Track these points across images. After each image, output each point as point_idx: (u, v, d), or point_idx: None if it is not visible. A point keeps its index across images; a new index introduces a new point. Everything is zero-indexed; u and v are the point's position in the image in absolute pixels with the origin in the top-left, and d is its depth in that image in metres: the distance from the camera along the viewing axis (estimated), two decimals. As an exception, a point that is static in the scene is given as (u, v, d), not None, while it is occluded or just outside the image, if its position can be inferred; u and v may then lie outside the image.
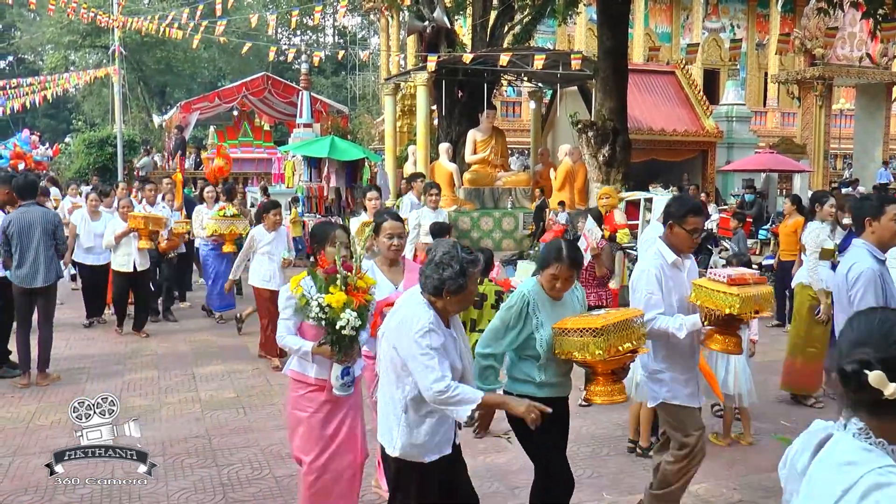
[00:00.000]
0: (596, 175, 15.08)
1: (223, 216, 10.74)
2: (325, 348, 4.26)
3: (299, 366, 4.45)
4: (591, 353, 3.84)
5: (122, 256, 10.14)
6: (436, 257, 3.61)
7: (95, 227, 10.68)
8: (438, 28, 19.79)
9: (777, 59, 31.99)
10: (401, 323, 3.62)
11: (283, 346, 4.45)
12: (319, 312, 4.14)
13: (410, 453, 3.68)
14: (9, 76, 42.69)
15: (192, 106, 28.20)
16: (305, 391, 4.41)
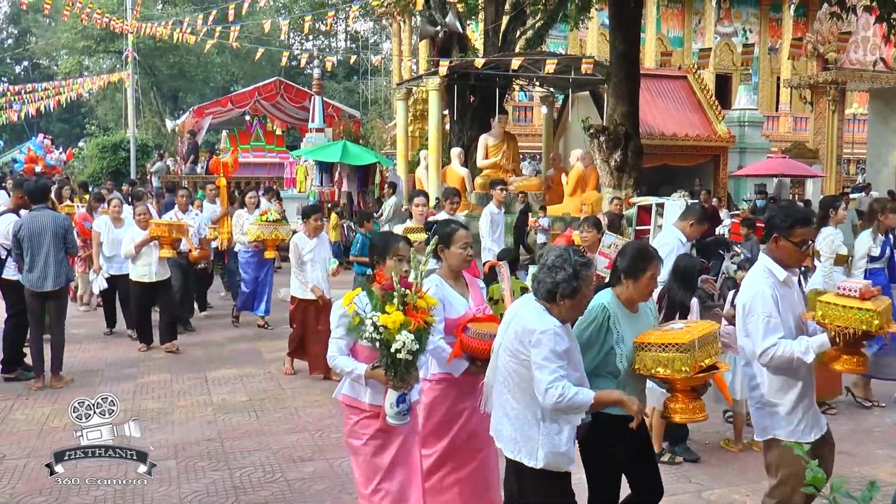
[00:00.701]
0: (608, 180, 15.09)
1: (265, 221, 10.34)
2: (378, 372, 3.91)
3: (351, 390, 4.12)
4: (676, 369, 3.71)
5: (141, 266, 9.57)
6: (548, 261, 3.56)
7: (118, 234, 10.11)
8: (450, 33, 19.83)
9: (789, 63, 31.89)
10: (523, 331, 3.53)
11: (335, 368, 4.13)
12: (374, 333, 3.81)
13: (554, 463, 3.58)
14: (24, 81, 42.98)
15: (205, 111, 28.33)
16: (359, 418, 4.08)
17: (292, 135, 33.35)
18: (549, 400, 3.43)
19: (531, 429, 3.59)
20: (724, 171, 21.84)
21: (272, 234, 10.33)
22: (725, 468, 5.87)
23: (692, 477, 5.71)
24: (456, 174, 18.68)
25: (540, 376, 3.45)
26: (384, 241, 4.40)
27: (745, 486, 5.60)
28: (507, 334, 3.65)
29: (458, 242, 4.52)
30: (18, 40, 59.38)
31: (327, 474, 5.74)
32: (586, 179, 16.96)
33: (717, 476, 5.74)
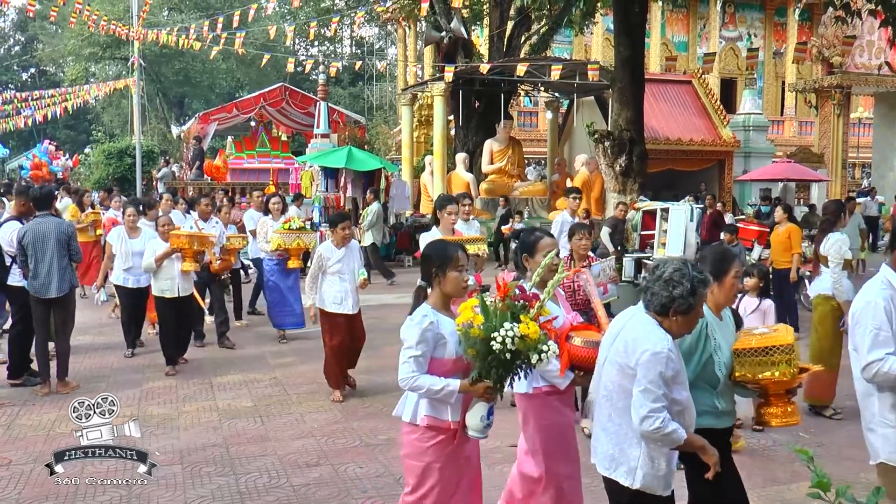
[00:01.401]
0: (613, 185, 15.08)
1: (288, 229, 9.83)
2: (480, 385, 3.69)
3: (433, 409, 3.84)
4: (782, 372, 3.67)
5: (163, 281, 8.94)
6: (665, 274, 3.42)
7: (134, 245, 9.47)
8: (455, 38, 19.89)
9: (794, 67, 31.90)
10: (633, 346, 3.42)
11: (415, 389, 3.79)
12: (510, 344, 3.54)
13: (651, 485, 3.46)
14: (31, 88, 43.23)
15: (211, 117, 28.40)
16: (441, 438, 3.85)
17: (297, 140, 33.42)
18: (645, 427, 3.34)
19: (631, 447, 3.47)
20: (729, 176, 21.83)
21: (295, 242, 9.81)
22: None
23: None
24: (461, 179, 18.71)
25: (642, 400, 3.34)
26: (442, 251, 4.00)
27: (750, 492, 5.57)
28: (613, 347, 3.54)
29: (543, 251, 4.38)
30: (26, 47, 59.65)
31: (333, 480, 5.74)
32: (591, 184, 16.97)
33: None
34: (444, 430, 3.83)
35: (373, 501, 5.37)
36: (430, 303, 3.91)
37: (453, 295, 3.93)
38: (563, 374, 4.15)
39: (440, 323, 3.79)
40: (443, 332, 3.79)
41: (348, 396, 7.95)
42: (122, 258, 9.49)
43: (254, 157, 26.91)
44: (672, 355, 3.36)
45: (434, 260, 3.95)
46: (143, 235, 9.50)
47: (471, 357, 3.66)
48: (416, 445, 3.89)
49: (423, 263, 4.06)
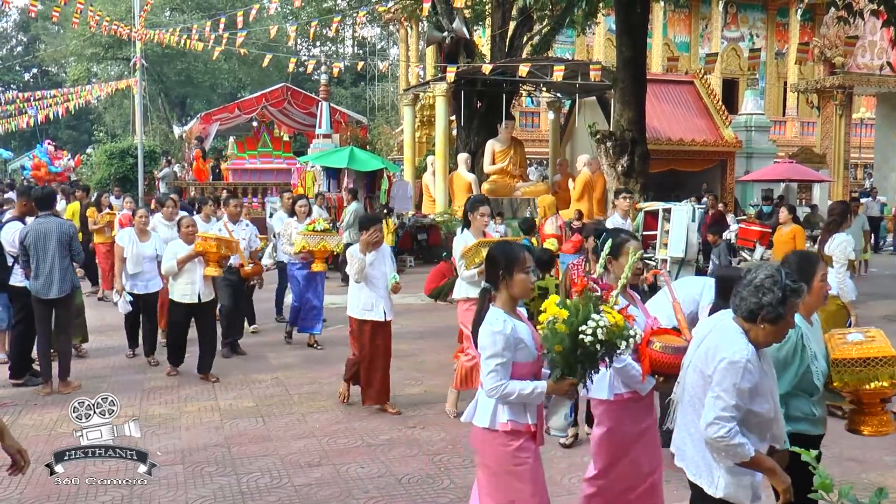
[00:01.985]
0: (614, 185, 15.07)
1: (312, 231, 9.44)
2: (564, 382, 3.66)
3: (513, 413, 3.76)
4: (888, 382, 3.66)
5: (183, 285, 8.46)
6: (756, 279, 3.31)
7: (144, 248, 9.02)
8: (457, 39, 19.89)
9: (796, 68, 31.87)
10: (714, 352, 3.35)
11: (505, 397, 3.70)
12: (599, 335, 3.50)
13: (735, 495, 3.38)
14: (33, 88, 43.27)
15: (212, 117, 28.42)
16: (521, 441, 3.78)
17: (299, 141, 33.44)
18: (710, 434, 3.27)
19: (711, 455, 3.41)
20: (731, 176, 21.81)
21: (319, 245, 9.42)
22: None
23: (700, 483, 5.69)
24: (463, 180, 18.71)
25: (712, 406, 3.29)
26: (509, 252, 3.89)
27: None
28: (697, 352, 3.48)
29: (628, 254, 4.28)
30: (28, 48, 59.74)
31: (334, 480, 5.74)
32: (593, 185, 16.97)
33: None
34: (525, 433, 3.78)
35: (374, 502, 5.37)
36: (498, 306, 3.83)
37: (521, 297, 3.88)
38: (644, 380, 4.12)
39: (516, 327, 3.75)
40: (520, 335, 3.74)
41: (350, 396, 7.94)
42: (131, 263, 9.01)
43: (256, 158, 26.91)
44: (751, 367, 3.26)
45: (500, 262, 3.86)
46: (153, 239, 9.15)
47: (556, 354, 3.61)
48: (500, 451, 3.80)
49: (489, 266, 3.96)
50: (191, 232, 8.53)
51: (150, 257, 9.03)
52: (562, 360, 3.61)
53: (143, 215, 9.27)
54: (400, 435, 6.68)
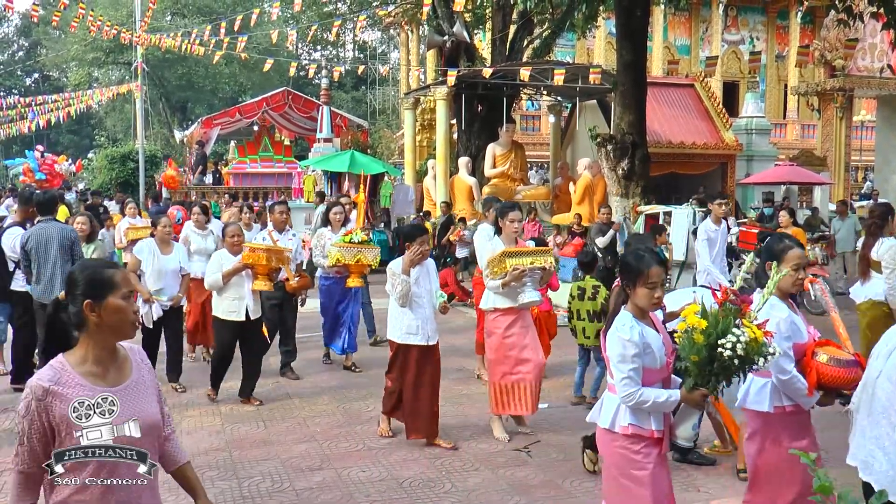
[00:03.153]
0: (615, 189, 15.09)
1: (348, 242, 8.50)
2: (697, 393, 3.60)
3: (635, 418, 3.72)
4: None
5: (229, 301, 7.69)
6: None
7: (167, 262, 8.22)
8: (458, 42, 19.90)
9: (797, 71, 31.86)
10: None
11: (639, 405, 3.65)
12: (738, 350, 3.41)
13: None
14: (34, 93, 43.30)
15: (213, 121, 28.46)
16: (641, 446, 3.73)
17: (300, 145, 33.48)
18: None
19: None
20: (731, 179, 21.80)
21: (355, 258, 8.47)
22: (734, 477, 5.84)
23: (701, 486, 5.70)
24: (464, 183, 18.73)
25: None
26: (635, 263, 3.76)
27: (754, 495, 5.57)
28: (890, 361, 3.35)
29: (791, 262, 4.07)
30: (29, 52, 59.87)
31: (335, 484, 5.74)
32: (594, 188, 16.97)
33: (726, 485, 5.72)
34: (647, 438, 3.73)
35: (376, 505, 5.37)
36: (629, 310, 3.77)
37: (644, 309, 3.77)
38: (811, 394, 3.99)
39: (644, 332, 3.69)
40: (648, 340, 3.69)
41: (351, 400, 7.96)
42: (153, 278, 8.13)
43: (257, 162, 26.94)
44: None
45: (627, 271, 3.79)
46: (176, 251, 8.39)
47: (690, 364, 3.54)
48: (619, 454, 3.79)
49: (620, 271, 3.89)
50: (236, 242, 7.78)
51: (173, 271, 8.24)
52: (696, 370, 3.55)
53: (166, 224, 8.41)
54: (401, 439, 6.67)
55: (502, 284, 6.43)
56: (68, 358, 2.72)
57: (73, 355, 2.73)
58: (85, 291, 2.70)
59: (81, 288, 2.71)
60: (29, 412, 2.63)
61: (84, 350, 2.74)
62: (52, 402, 2.65)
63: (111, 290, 2.71)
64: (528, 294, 6.56)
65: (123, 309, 2.73)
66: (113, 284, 2.72)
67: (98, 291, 2.70)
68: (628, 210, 14.70)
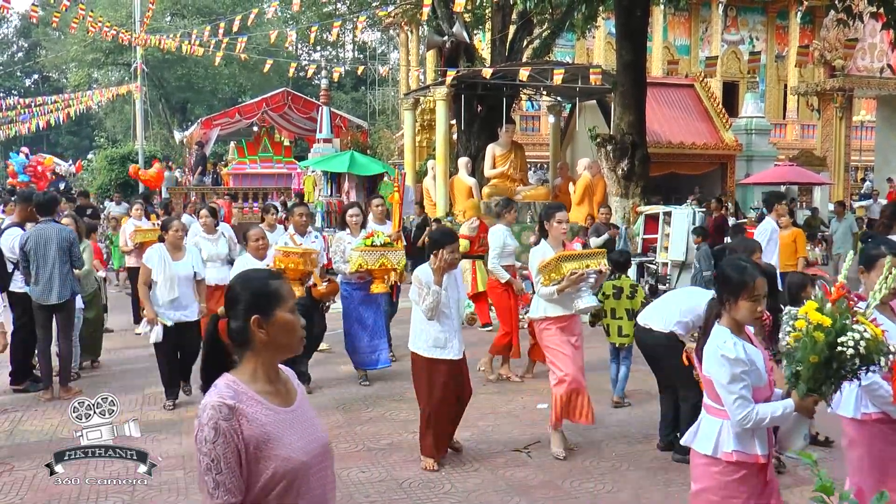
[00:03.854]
0: (615, 189, 15.09)
1: (370, 246, 7.98)
2: (809, 400, 3.40)
3: (740, 443, 3.46)
4: None
5: None
6: None
7: (178, 268, 7.62)
8: (458, 43, 19.90)
9: (797, 71, 31.86)
10: None
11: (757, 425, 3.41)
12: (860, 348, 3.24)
13: None
14: (34, 94, 43.29)
15: (213, 122, 28.44)
16: (743, 473, 3.48)
17: (300, 145, 33.46)
18: None
19: None
20: (731, 180, 21.81)
21: (378, 262, 7.94)
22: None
23: (701, 486, 5.68)
24: (463, 184, 18.71)
25: None
26: (738, 274, 3.53)
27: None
28: None
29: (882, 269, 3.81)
30: (29, 53, 59.86)
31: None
32: (594, 188, 16.96)
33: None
34: (752, 465, 3.48)
35: (375, 506, 5.36)
36: (724, 324, 3.55)
37: (746, 324, 3.57)
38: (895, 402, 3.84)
39: (745, 348, 3.47)
40: (751, 357, 3.47)
41: (350, 400, 7.94)
42: (165, 287, 7.53)
43: (256, 163, 26.94)
44: None
45: (727, 283, 3.55)
46: (188, 255, 7.78)
47: (805, 367, 3.35)
48: (717, 479, 3.53)
49: (717, 283, 3.69)
50: (262, 246, 7.32)
51: (185, 278, 7.65)
52: (809, 373, 3.35)
53: (178, 228, 7.85)
54: (401, 440, 6.67)
55: (558, 290, 6.05)
56: (238, 376, 2.49)
57: (242, 374, 2.50)
58: (251, 306, 2.49)
59: (246, 302, 2.50)
60: (219, 434, 2.39)
61: (253, 368, 2.51)
62: (241, 422, 2.39)
63: (279, 303, 2.51)
64: (585, 299, 6.23)
65: (292, 323, 2.53)
66: (280, 297, 2.52)
67: (265, 306, 2.50)
68: (628, 210, 14.69)
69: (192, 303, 7.71)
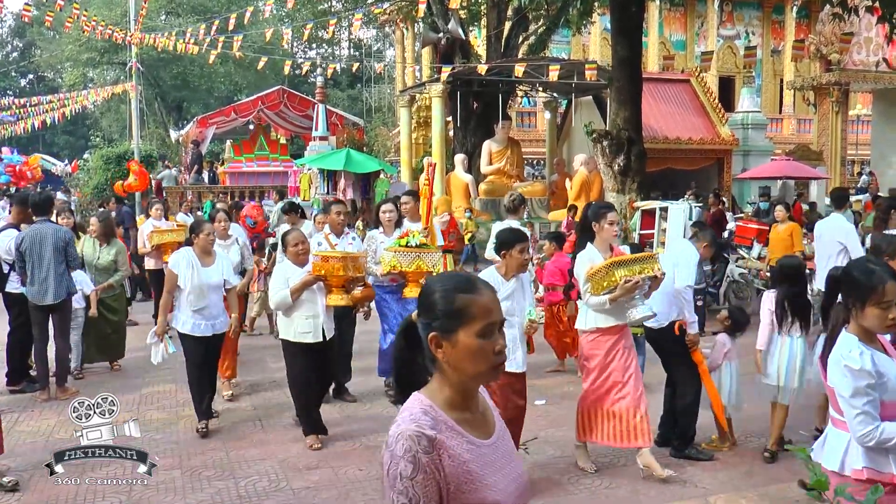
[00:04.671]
0: (611, 184, 15.07)
1: (404, 246, 7.28)
2: None
3: (870, 461, 3.19)
4: None
5: (302, 320, 6.47)
6: None
7: (209, 275, 6.87)
8: (453, 39, 19.89)
9: (792, 65, 31.90)
10: None
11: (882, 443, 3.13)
12: None
13: None
14: (29, 94, 43.20)
15: (209, 120, 28.44)
16: None
17: (296, 143, 33.46)
18: None
19: None
20: (728, 174, 21.82)
21: (413, 264, 7.21)
22: (731, 472, 5.84)
23: (698, 482, 5.69)
24: (460, 180, 18.71)
25: None
26: (864, 279, 3.24)
27: (751, 491, 5.57)
28: None
29: None
30: (23, 53, 59.73)
31: (333, 483, 5.73)
32: (590, 184, 16.95)
33: (723, 481, 5.71)
34: (888, 484, 3.14)
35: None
36: (852, 332, 3.27)
37: (875, 332, 3.28)
38: None
39: (875, 357, 3.19)
40: (882, 368, 3.17)
41: (350, 403, 7.92)
42: (194, 295, 6.76)
43: (252, 161, 26.93)
44: None
45: (853, 287, 3.27)
46: (219, 261, 7.04)
47: None
48: None
49: (844, 286, 3.36)
50: (301, 251, 6.59)
51: (215, 286, 6.92)
52: None
53: (210, 232, 7.06)
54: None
55: (611, 300, 5.47)
56: (433, 399, 2.08)
57: (436, 396, 2.10)
58: (431, 320, 2.10)
59: (429, 313, 2.11)
60: (419, 470, 1.97)
61: (446, 390, 2.10)
62: (442, 456, 2.00)
63: (464, 322, 2.06)
64: (640, 308, 5.58)
65: (479, 350, 2.06)
66: (467, 316, 2.07)
67: (447, 323, 2.07)
68: (625, 206, 14.68)
69: (221, 313, 6.98)
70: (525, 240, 5.44)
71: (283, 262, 6.76)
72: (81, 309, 8.85)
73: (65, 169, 32.73)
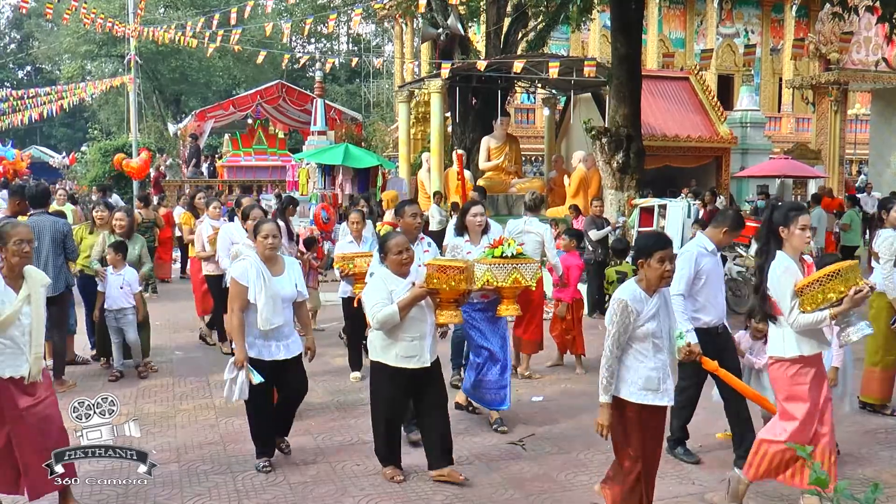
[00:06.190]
0: (610, 182, 15.08)
1: (499, 257, 6.18)
2: None
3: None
4: None
5: (408, 342, 5.44)
6: None
7: (281, 285, 5.75)
8: (452, 35, 19.86)
9: (791, 64, 31.92)
10: None
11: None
12: None
13: None
14: (27, 86, 43.10)
15: (207, 114, 28.41)
16: None
17: (294, 138, 33.40)
18: None
19: None
20: (726, 173, 21.85)
21: (511, 278, 6.12)
22: (728, 469, 5.84)
23: (695, 479, 5.70)
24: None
25: None
26: None
27: (749, 487, 5.57)
28: None
29: None
30: (21, 45, 59.57)
31: (330, 477, 5.73)
32: (588, 181, 16.94)
33: (721, 478, 5.71)
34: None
35: (370, 499, 5.35)
36: None
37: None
38: None
39: None
40: None
41: (346, 393, 7.93)
42: (267, 310, 5.60)
43: (251, 155, 26.92)
44: None
45: None
46: (288, 269, 5.89)
47: None
48: None
49: None
50: (406, 259, 5.49)
51: (288, 298, 5.79)
52: None
53: (268, 234, 5.72)
54: (396, 432, 6.65)
55: (834, 315, 4.56)
56: None
57: None
58: None
59: None
60: None
61: None
62: None
63: None
64: (859, 326, 4.71)
65: None
66: None
67: None
68: (623, 203, 14.68)
69: (293, 333, 5.90)
70: (668, 246, 4.43)
71: (381, 270, 5.57)
72: (131, 308, 8.49)
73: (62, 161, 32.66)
